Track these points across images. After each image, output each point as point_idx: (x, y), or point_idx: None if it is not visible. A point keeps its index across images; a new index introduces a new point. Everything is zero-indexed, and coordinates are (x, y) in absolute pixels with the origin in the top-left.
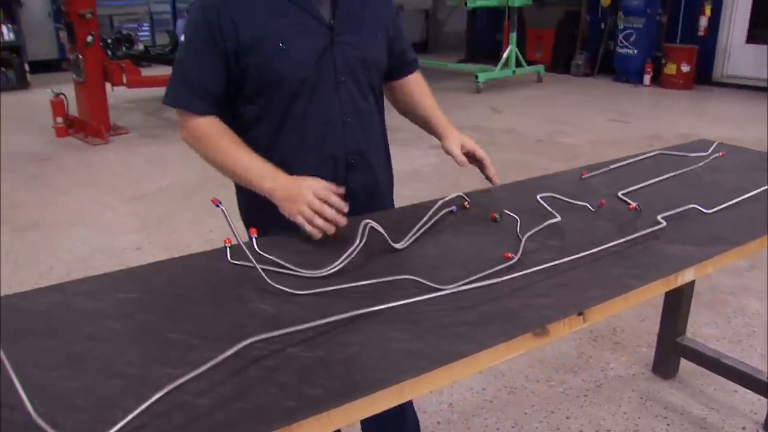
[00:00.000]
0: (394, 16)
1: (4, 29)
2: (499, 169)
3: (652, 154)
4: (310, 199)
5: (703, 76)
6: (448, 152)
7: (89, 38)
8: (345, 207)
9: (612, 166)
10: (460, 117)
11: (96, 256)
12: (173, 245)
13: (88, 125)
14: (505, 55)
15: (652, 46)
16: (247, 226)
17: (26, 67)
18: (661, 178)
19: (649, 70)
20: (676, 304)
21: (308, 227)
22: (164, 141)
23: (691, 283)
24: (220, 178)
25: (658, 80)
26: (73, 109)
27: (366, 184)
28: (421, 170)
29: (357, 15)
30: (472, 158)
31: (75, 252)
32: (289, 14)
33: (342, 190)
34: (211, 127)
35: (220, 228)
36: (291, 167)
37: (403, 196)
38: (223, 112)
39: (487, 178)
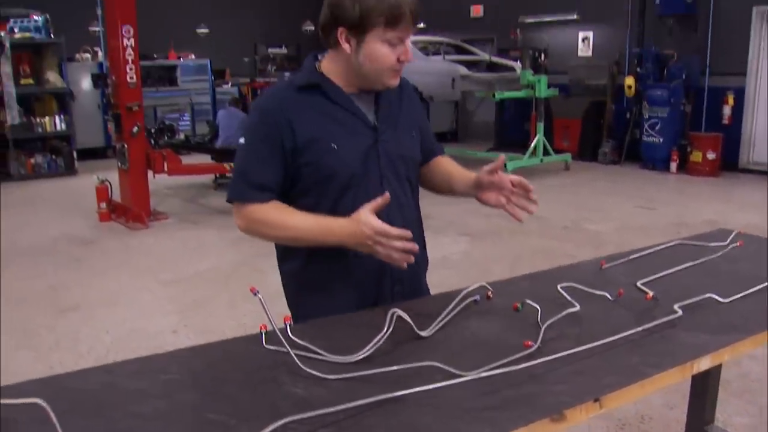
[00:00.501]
0: (424, 116)
1: (57, 120)
2: (527, 255)
3: (671, 244)
4: (373, 237)
5: (729, 163)
6: (478, 180)
7: (135, 129)
8: (406, 232)
9: (632, 257)
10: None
11: (133, 337)
12: (208, 329)
13: (130, 211)
14: (533, 144)
15: (677, 135)
16: (292, 307)
17: (74, 154)
18: (680, 267)
19: (675, 157)
20: (703, 391)
21: (393, 260)
22: (202, 226)
23: (717, 370)
24: (255, 263)
25: (684, 167)
26: (116, 195)
27: (406, 270)
28: (450, 257)
29: (395, 116)
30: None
31: (114, 333)
32: (339, 118)
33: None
34: (264, 209)
35: (254, 313)
36: (337, 256)
37: (432, 283)
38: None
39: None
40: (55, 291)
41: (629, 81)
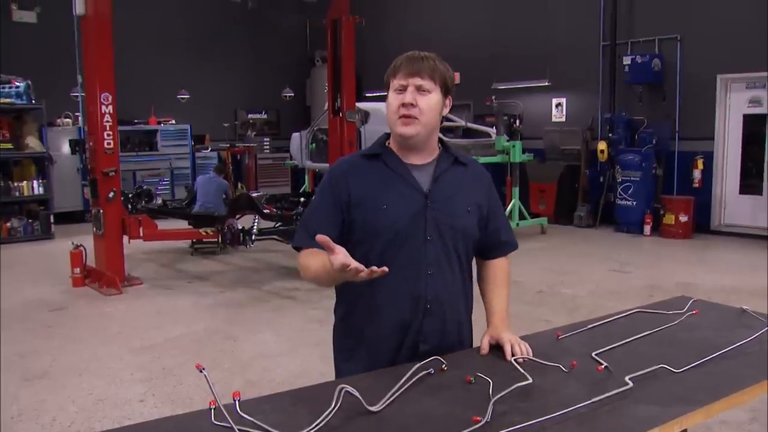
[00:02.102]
0: (493, 200)
1: (35, 184)
2: None
3: (629, 312)
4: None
5: (701, 225)
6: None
7: (111, 194)
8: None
9: (590, 326)
10: None
11: (99, 407)
12: (177, 397)
13: (104, 276)
14: (508, 209)
15: (650, 198)
16: (338, 355)
17: (51, 218)
18: (635, 337)
19: (649, 220)
20: None
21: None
22: (176, 292)
23: None
24: (228, 330)
25: (658, 230)
26: (91, 260)
27: (437, 329)
28: None
29: (452, 189)
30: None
31: (79, 402)
32: (393, 183)
33: None
34: (308, 251)
35: (223, 381)
36: (380, 299)
37: None
38: None
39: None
40: (23, 358)
41: (602, 146)
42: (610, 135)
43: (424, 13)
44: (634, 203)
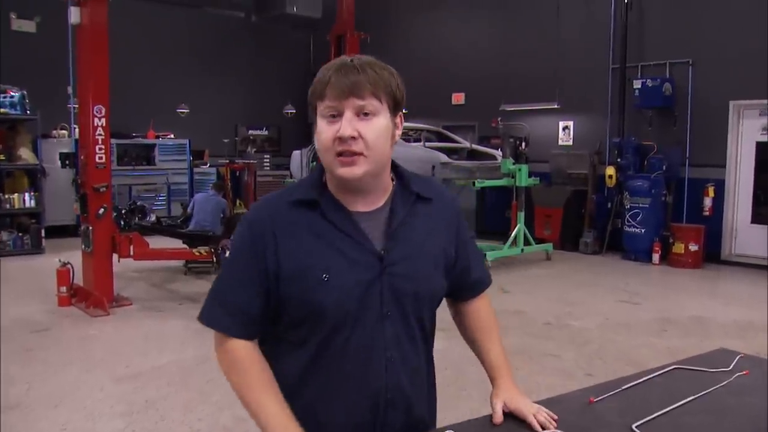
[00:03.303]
0: (462, 234)
1: (26, 196)
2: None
3: (667, 369)
4: None
5: (711, 254)
6: (491, 404)
7: (101, 210)
8: None
9: (624, 387)
10: None
11: None
12: None
13: (92, 296)
14: (513, 234)
15: (659, 226)
16: None
17: (43, 232)
18: (680, 403)
19: (658, 248)
20: None
21: None
22: (167, 315)
23: None
24: (216, 360)
25: (667, 259)
26: (80, 278)
27: (404, 423)
28: None
29: (415, 241)
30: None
31: None
32: (336, 243)
33: None
34: (246, 357)
35: (209, 417)
36: (325, 402)
37: None
38: (261, 331)
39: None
40: None
41: (610, 171)
42: (619, 160)
43: (430, 32)
44: (643, 231)
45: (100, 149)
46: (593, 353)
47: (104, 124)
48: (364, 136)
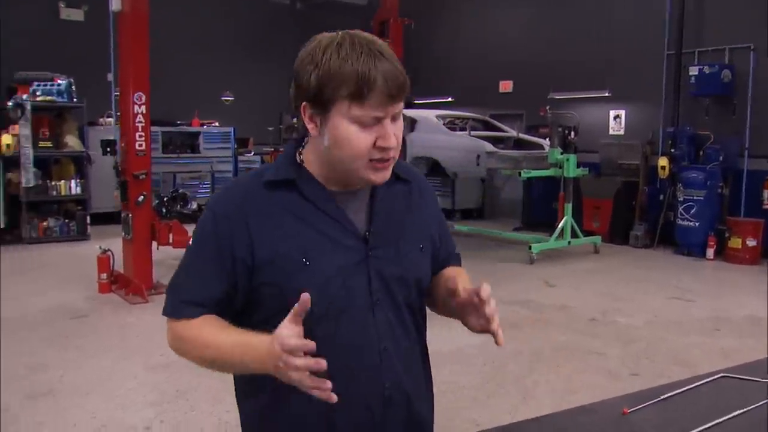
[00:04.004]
0: (441, 219)
1: (73, 183)
2: (548, 352)
3: (712, 378)
4: (281, 356)
5: None
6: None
7: (141, 198)
8: (309, 344)
9: (663, 396)
10: (510, 290)
11: None
12: (185, 426)
13: (131, 283)
14: (560, 226)
15: (714, 219)
16: None
17: (88, 219)
18: (725, 418)
19: (713, 243)
20: None
21: (306, 388)
22: None
23: None
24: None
25: (722, 254)
26: (120, 265)
27: (405, 420)
28: (464, 350)
29: (398, 223)
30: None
31: (80, 427)
32: (317, 225)
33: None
34: (195, 321)
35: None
36: (315, 406)
37: (441, 380)
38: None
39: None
40: (33, 372)
41: (663, 162)
42: (672, 150)
43: (477, 18)
44: (697, 224)
45: (140, 136)
46: (640, 352)
47: (144, 112)
48: (397, 139)
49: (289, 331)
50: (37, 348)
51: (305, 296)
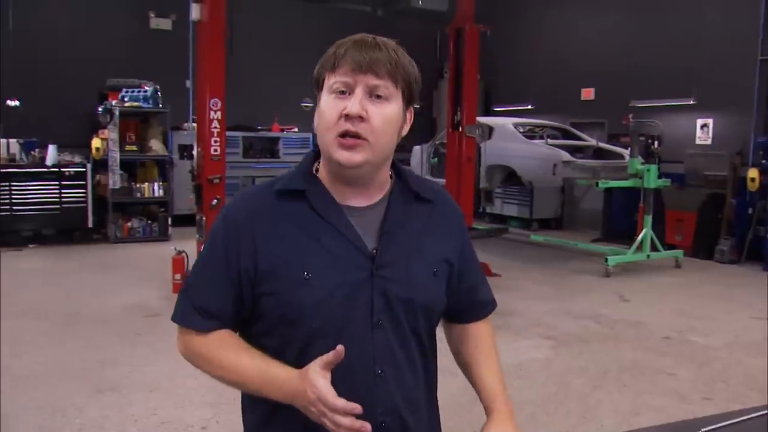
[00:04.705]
0: (467, 247)
1: (155, 186)
2: (615, 370)
3: None
4: (315, 404)
5: None
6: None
7: (214, 201)
8: (354, 407)
9: (737, 420)
10: (581, 304)
11: (159, 430)
12: (239, 427)
13: None
14: (639, 239)
15: None
16: None
17: (169, 221)
18: None
19: None
20: None
21: None
22: None
23: None
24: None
25: None
26: None
27: None
28: (527, 365)
29: (412, 243)
30: None
31: (141, 423)
32: (322, 238)
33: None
34: (208, 337)
35: None
36: (309, 426)
37: None
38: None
39: None
40: (102, 367)
41: (753, 173)
42: (764, 161)
43: (558, 24)
44: None
45: (215, 141)
46: (715, 374)
47: (220, 117)
48: (371, 118)
49: (324, 380)
50: (110, 344)
51: (340, 348)
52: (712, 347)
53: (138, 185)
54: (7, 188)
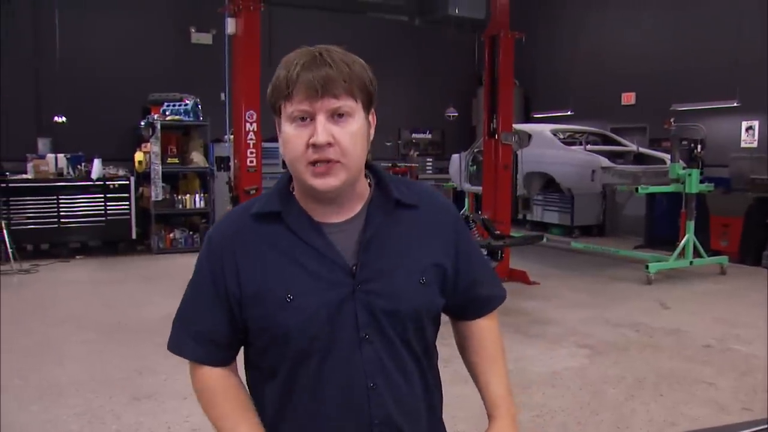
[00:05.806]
0: (463, 246)
1: (197, 197)
2: (651, 379)
3: None
4: None
5: None
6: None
7: None
8: None
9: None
10: (620, 311)
11: None
12: None
13: None
14: (681, 245)
15: None
16: None
17: None
18: None
19: None
20: None
21: None
22: None
23: None
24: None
25: None
26: None
27: None
28: (561, 374)
29: (394, 253)
30: None
31: (174, 429)
32: (300, 259)
33: None
34: (218, 385)
35: None
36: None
37: (531, 405)
38: (234, 357)
39: None
40: (140, 375)
41: None
42: None
43: (596, 28)
44: None
45: (251, 153)
46: (757, 385)
47: (255, 129)
48: (339, 141)
49: None
50: (148, 353)
51: None
52: (754, 356)
53: (180, 197)
54: (55, 202)
